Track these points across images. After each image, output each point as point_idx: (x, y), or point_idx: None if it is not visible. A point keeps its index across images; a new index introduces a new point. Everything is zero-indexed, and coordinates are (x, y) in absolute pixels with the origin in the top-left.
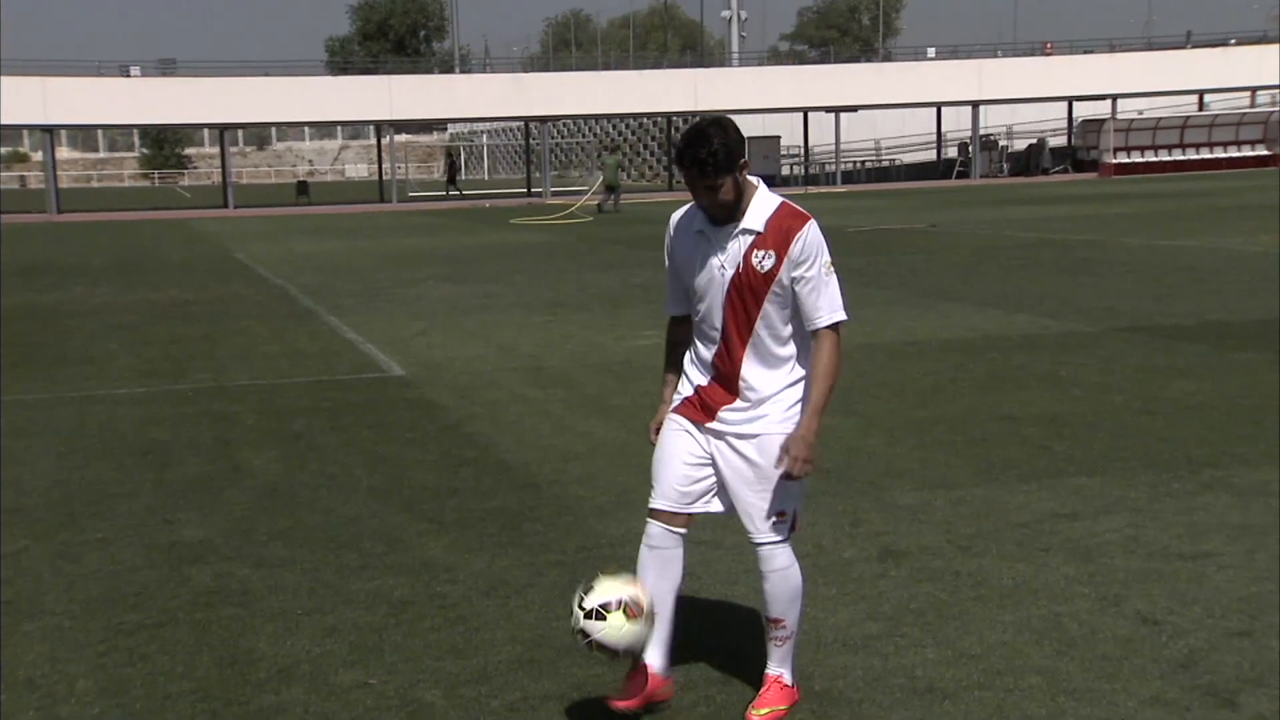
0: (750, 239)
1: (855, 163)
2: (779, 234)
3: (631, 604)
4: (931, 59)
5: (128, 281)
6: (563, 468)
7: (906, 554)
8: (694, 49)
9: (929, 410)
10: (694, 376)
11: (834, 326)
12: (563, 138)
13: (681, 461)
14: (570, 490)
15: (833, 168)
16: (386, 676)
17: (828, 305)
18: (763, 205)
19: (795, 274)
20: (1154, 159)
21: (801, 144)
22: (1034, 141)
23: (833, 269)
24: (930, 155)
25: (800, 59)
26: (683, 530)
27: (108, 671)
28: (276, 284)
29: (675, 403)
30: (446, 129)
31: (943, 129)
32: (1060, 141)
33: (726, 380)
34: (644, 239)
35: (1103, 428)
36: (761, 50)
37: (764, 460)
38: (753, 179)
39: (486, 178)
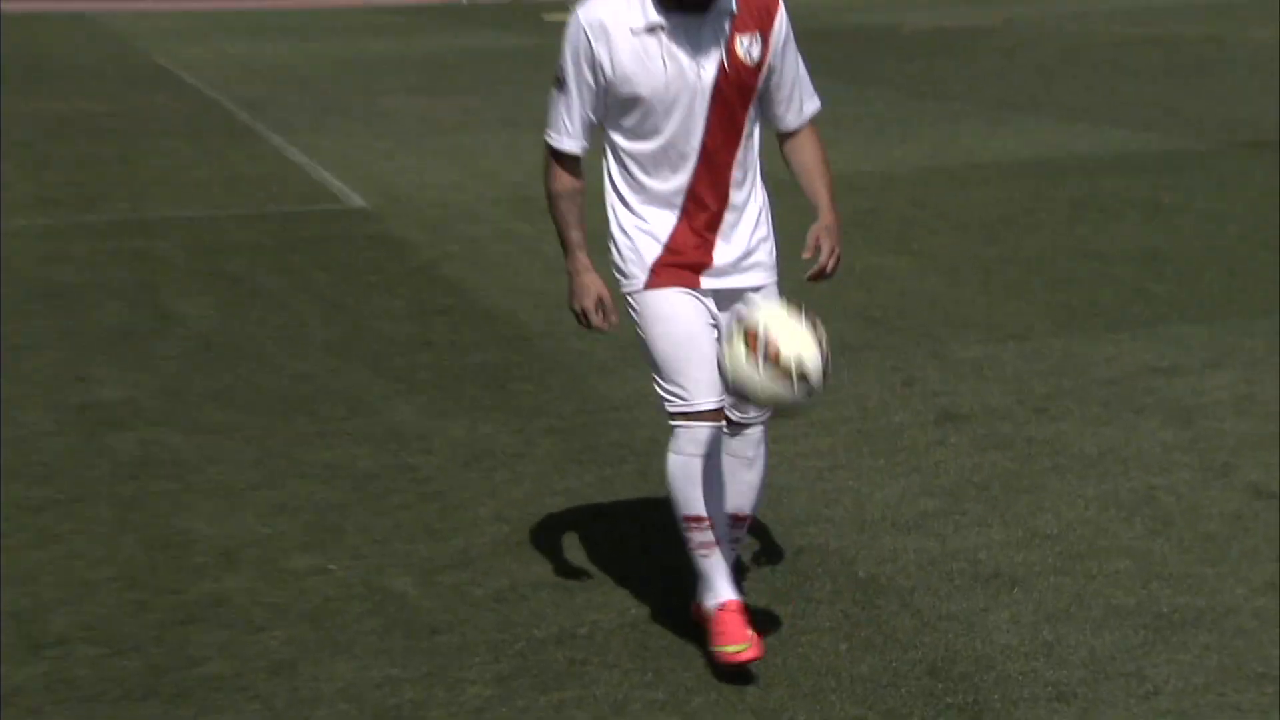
0: (725, 24)
1: None
2: (756, 12)
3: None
4: None
5: (20, 89)
6: (557, 317)
7: (969, 417)
8: None
9: (999, 247)
10: (659, 227)
11: (815, 117)
12: None
13: (710, 341)
14: (566, 344)
15: None
16: (349, 562)
17: (809, 91)
18: None
19: (778, 59)
20: None
21: None
22: None
23: None
24: None
25: None
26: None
27: (12, 555)
28: (208, 95)
29: (637, 279)
30: None
31: None
32: None
33: (711, 217)
34: None
35: (1213, 266)
36: None
37: None
38: None
39: None
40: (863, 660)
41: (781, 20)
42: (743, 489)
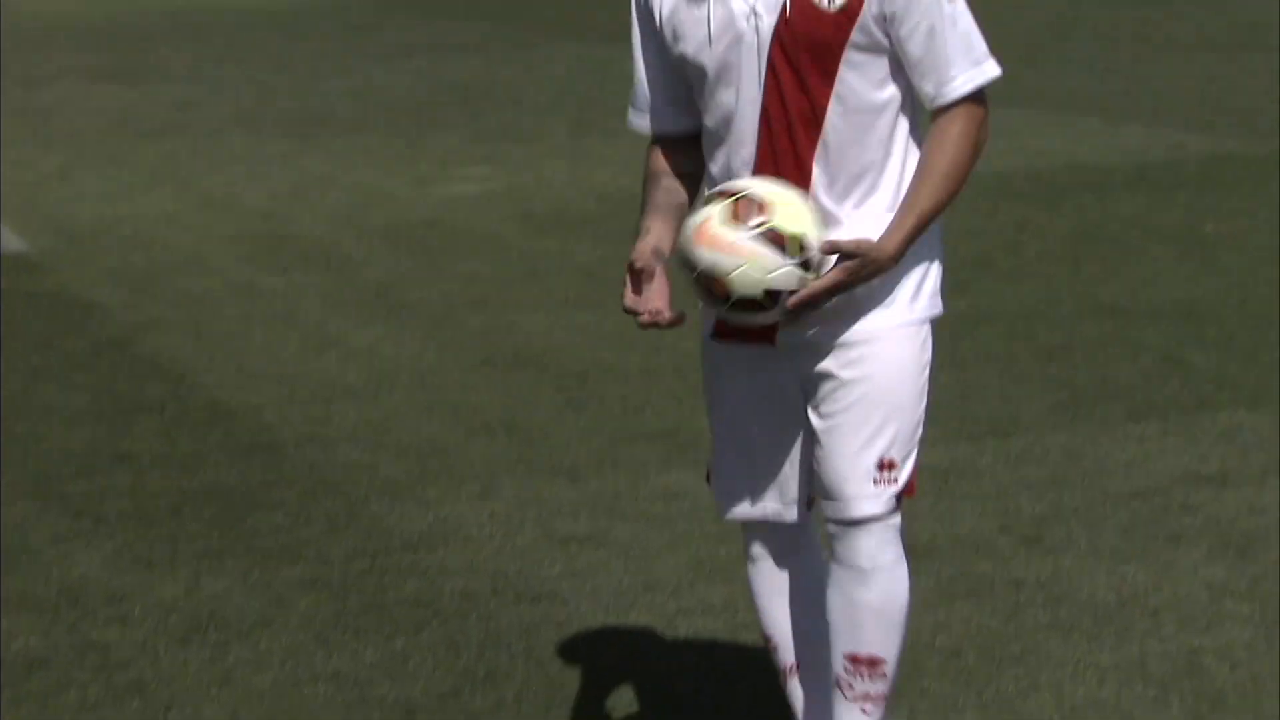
0: None
1: None
2: None
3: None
4: None
5: None
6: (323, 413)
7: (931, 551)
8: None
9: (970, 299)
10: None
11: (978, 96)
12: None
13: (770, 431)
14: (336, 453)
15: None
16: None
17: (962, 55)
18: None
19: (894, 6)
20: None
21: None
22: None
23: None
24: None
25: None
26: (794, 519)
27: None
28: None
29: (709, 320)
30: None
31: None
32: None
33: None
34: (463, 1)
35: (1277, 325)
36: None
37: (872, 373)
38: None
39: None
40: None
41: None
42: (856, 616)
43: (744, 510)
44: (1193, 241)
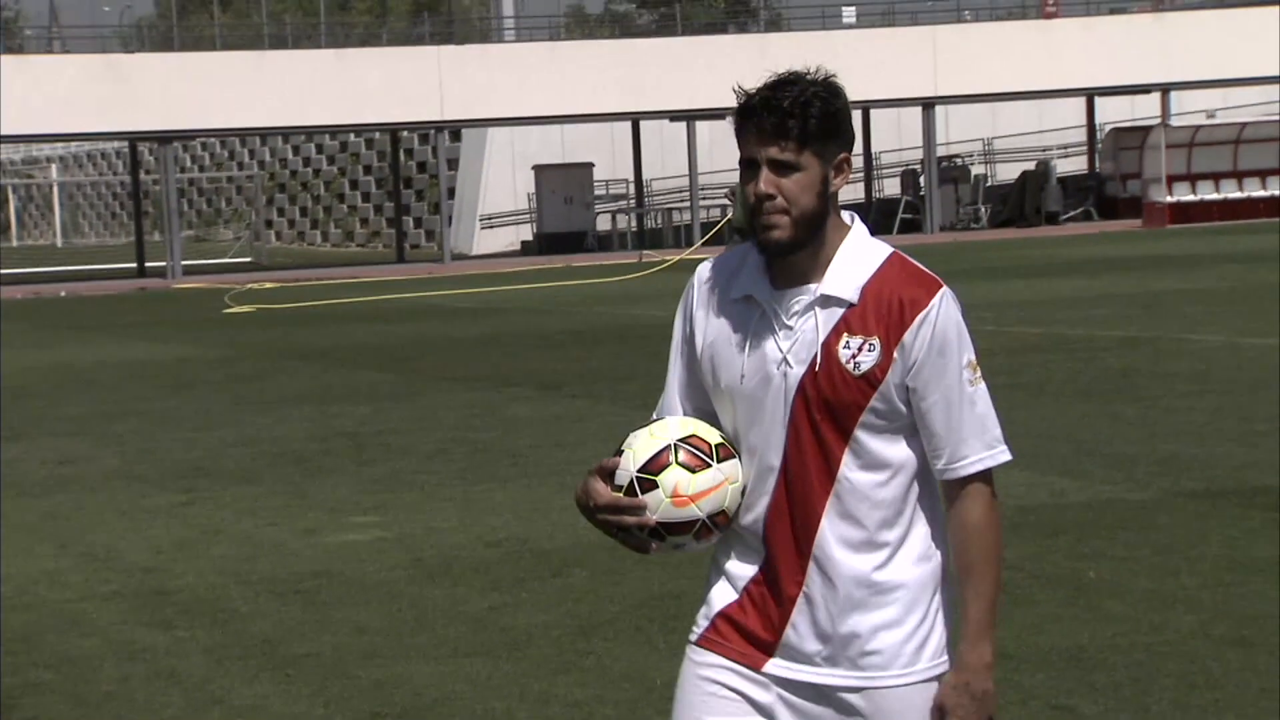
0: (836, 315)
1: (727, 209)
2: (885, 309)
3: (688, 447)
4: (850, 24)
5: None
6: None
7: None
8: (437, 11)
9: None
10: (737, 570)
11: (986, 475)
12: (202, 169)
13: None
14: None
15: (689, 217)
16: None
17: (976, 436)
18: (857, 259)
19: (916, 381)
20: (1236, 195)
21: (631, 177)
22: (1031, 167)
23: (979, 373)
24: (855, 193)
25: (626, 28)
26: None
27: None
28: None
29: (697, 628)
30: None
31: (874, 147)
32: (1076, 166)
33: (788, 572)
34: (351, 350)
35: (1164, 672)
36: (557, 14)
37: None
38: (845, 214)
39: (59, 242)
40: None
41: (925, 333)
42: None
43: None
44: (1077, 587)
